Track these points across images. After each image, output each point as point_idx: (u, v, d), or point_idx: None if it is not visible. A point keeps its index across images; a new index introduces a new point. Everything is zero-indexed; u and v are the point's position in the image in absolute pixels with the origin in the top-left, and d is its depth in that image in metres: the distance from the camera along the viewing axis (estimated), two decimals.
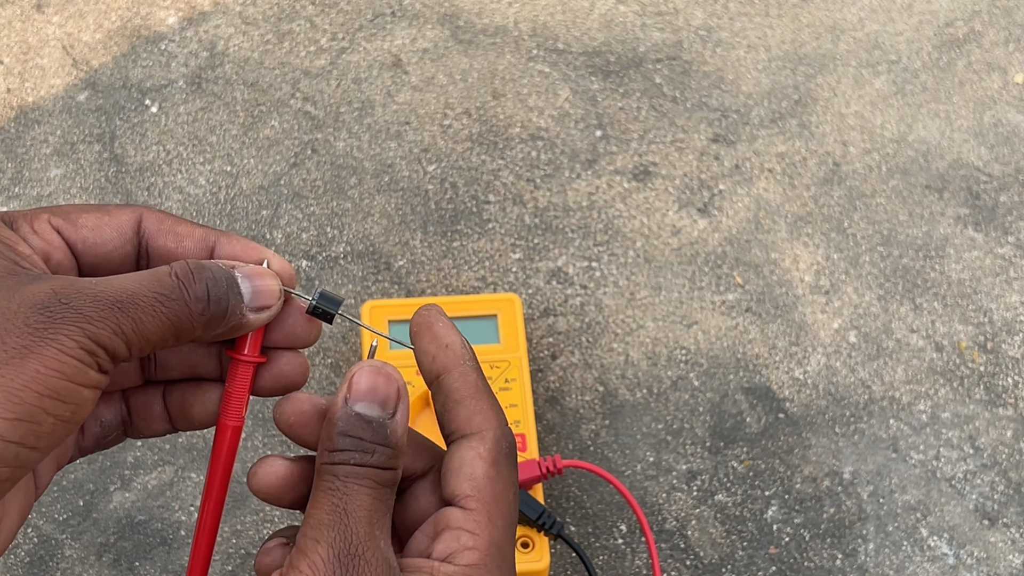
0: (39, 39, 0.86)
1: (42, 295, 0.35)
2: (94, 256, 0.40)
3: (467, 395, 0.40)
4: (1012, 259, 0.79)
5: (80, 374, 0.35)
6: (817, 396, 0.73)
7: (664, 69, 0.86)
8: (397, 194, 0.80)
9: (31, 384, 0.34)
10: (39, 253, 0.39)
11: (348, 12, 0.88)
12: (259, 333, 0.41)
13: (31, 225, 0.39)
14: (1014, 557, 0.69)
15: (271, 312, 0.40)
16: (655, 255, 0.78)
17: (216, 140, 0.82)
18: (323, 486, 0.38)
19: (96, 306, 0.35)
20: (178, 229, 0.41)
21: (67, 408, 0.35)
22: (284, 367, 0.42)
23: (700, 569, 0.68)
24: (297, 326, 0.42)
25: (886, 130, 0.84)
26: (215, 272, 0.38)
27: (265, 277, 0.40)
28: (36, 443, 0.34)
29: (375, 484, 0.38)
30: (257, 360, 0.41)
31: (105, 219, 0.40)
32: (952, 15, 0.89)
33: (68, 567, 0.67)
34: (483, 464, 0.39)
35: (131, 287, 0.36)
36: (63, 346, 0.34)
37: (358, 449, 0.39)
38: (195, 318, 0.37)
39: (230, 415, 0.42)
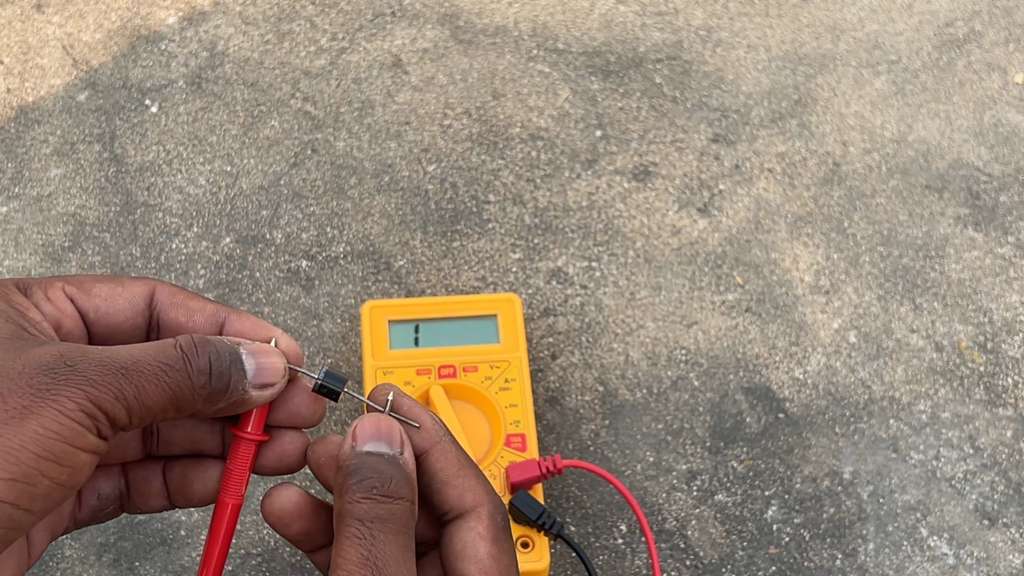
0: (39, 39, 0.86)
1: (48, 357, 0.36)
2: (105, 326, 0.41)
3: (452, 474, 0.41)
4: (1012, 259, 0.79)
5: (79, 437, 0.35)
6: (817, 396, 0.73)
7: (664, 69, 0.86)
8: (397, 194, 0.80)
9: (29, 445, 0.34)
10: (51, 321, 0.39)
11: (348, 12, 0.88)
12: (263, 411, 0.41)
13: (45, 292, 0.40)
14: (1014, 557, 0.69)
15: (274, 390, 0.40)
16: (655, 255, 0.78)
17: (216, 140, 0.82)
18: (348, 533, 0.38)
19: (100, 370, 0.36)
20: (190, 304, 0.41)
21: (64, 471, 0.35)
22: (287, 446, 0.42)
23: (700, 569, 0.68)
24: (302, 405, 0.42)
25: (886, 130, 0.84)
26: (219, 347, 0.39)
27: (270, 355, 0.40)
28: (31, 505, 0.34)
29: (399, 530, 0.39)
30: (259, 438, 0.41)
31: (118, 290, 0.41)
32: (952, 15, 0.89)
33: (68, 567, 0.67)
34: (485, 544, 0.40)
35: (136, 355, 0.37)
36: (64, 408, 0.35)
37: (376, 478, 0.39)
38: (196, 391, 0.38)
39: (230, 492, 0.42)
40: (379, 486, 0.39)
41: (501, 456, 0.66)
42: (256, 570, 0.67)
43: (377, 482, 0.39)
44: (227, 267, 0.77)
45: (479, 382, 0.68)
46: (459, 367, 0.68)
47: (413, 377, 0.68)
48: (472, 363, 0.68)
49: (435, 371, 0.68)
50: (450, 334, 0.70)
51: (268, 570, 0.67)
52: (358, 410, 0.72)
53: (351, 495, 0.39)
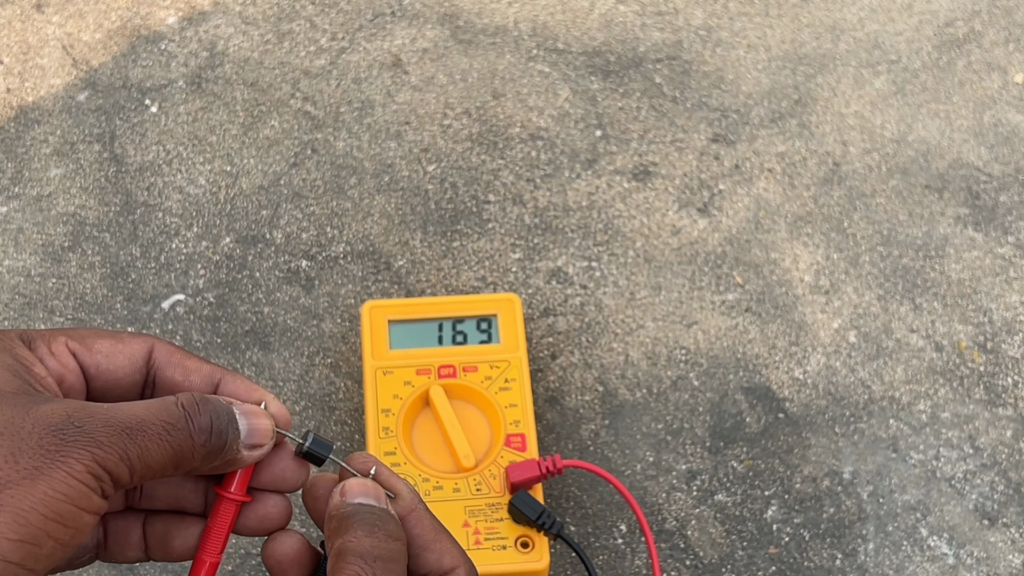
0: (39, 39, 0.86)
1: (55, 416, 0.36)
2: (105, 382, 0.42)
3: (430, 539, 0.42)
4: (1012, 259, 0.78)
5: (84, 499, 0.36)
6: (817, 396, 0.73)
7: (664, 69, 0.86)
8: (397, 194, 0.80)
9: (38, 506, 0.35)
10: (54, 375, 0.40)
11: (348, 12, 0.88)
12: (247, 473, 0.42)
13: (49, 347, 0.40)
14: (1014, 557, 0.69)
15: (262, 451, 0.42)
16: (655, 255, 0.78)
17: (216, 140, 0.82)
18: (349, 571, 0.39)
19: (107, 431, 0.36)
20: (186, 363, 0.42)
21: (68, 532, 0.36)
22: (270, 509, 0.43)
23: (700, 569, 0.68)
24: (287, 470, 0.43)
25: (886, 130, 0.84)
26: (218, 406, 0.40)
27: (260, 416, 0.42)
28: (34, 565, 0.35)
29: (399, 571, 0.40)
30: (242, 499, 0.42)
31: (119, 347, 0.42)
32: (952, 15, 0.89)
33: None
34: None
35: (140, 415, 0.38)
36: (72, 469, 0.35)
37: (375, 519, 0.41)
38: (196, 448, 0.39)
39: (208, 550, 0.43)
40: (380, 524, 0.40)
41: (501, 456, 0.66)
42: (256, 570, 0.67)
43: (378, 521, 0.41)
44: (227, 267, 0.77)
45: (479, 382, 0.68)
46: (459, 367, 0.68)
47: (413, 377, 0.68)
48: (472, 363, 0.68)
49: (435, 371, 0.68)
50: (450, 334, 0.70)
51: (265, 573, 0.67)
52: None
53: (352, 533, 0.40)
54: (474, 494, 0.65)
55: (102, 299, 0.75)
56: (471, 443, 0.66)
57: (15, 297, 0.75)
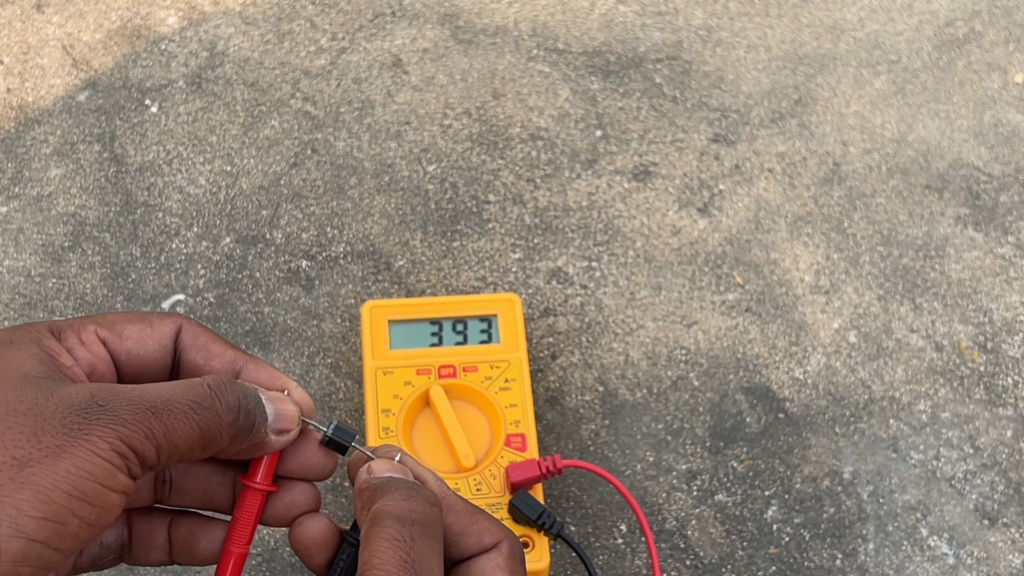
0: (39, 39, 0.86)
1: (79, 397, 0.36)
2: (135, 367, 0.42)
3: (465, 523, 0.42)
4: (1012, 259, 0.78)
5: (110, 477, 0.35)
6: (817, 396, 0.73)
7: (664, 69, 0.86)
8: (397, 194, 0.80)
9: (61, 484, 0.34)
10: (84, 366, 0.40)
11: (348, 12, 0.88)
12: (272, 462, 0.42)
13: (79, 336, 0.40)
14: (1014, 557, 0.69)
15: (289, 437, 0.41)
16: (655, 255, 0.78)
17: (216, 140, 0.82)
18: (387, 535, 0.38)
19: (131, 410, 0.36)
20: (211, 347, 0.42)
21: (94, 511, 0.35)
22: (298, 497, 0.43)
23: (700, 569, 0.68)
24: (314, 458, 0.43)
25: (886, 130, 0.84)
26: (245, 388, 0.40)
27: (286, 402, 0.41)
28: (60, 544, 0.35)
29: (435, 537, 0.39)
30: (268, 488, 0.42)
31: (148, 330, 0.42)
32: (952, 15, 0.89)
33: None
34: (503, 574, 0.41)
35: (166, 394, 0.37)
36: (96, 447, 0.35)
37: (405, 483, 0.40)
38: (224, 428, 0.39)
39: (235, 541, 0.42)
40: (417, 490, 0.40)
41: (501, 456, 0.66)
42: (256, 570, 0.67)
43: (414, 488, 0.40)
44: (227, 267, 0.77)
45: (479, 382, 0.68)
46: (459, 367, 0.68)
47: (413, 377, 0.68)
48: (472, 363, 0.68)
49: (435, 371, 0.68)
50: (450, 334, 0.70)
51: (268, 570, 0.67)
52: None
53: (389, 496, 0.40)
54: (474, 494, 0.65)
55: (102, 299, 0.75)
56: (471, 443, 0.66)
57: (15, 297, 0.75)
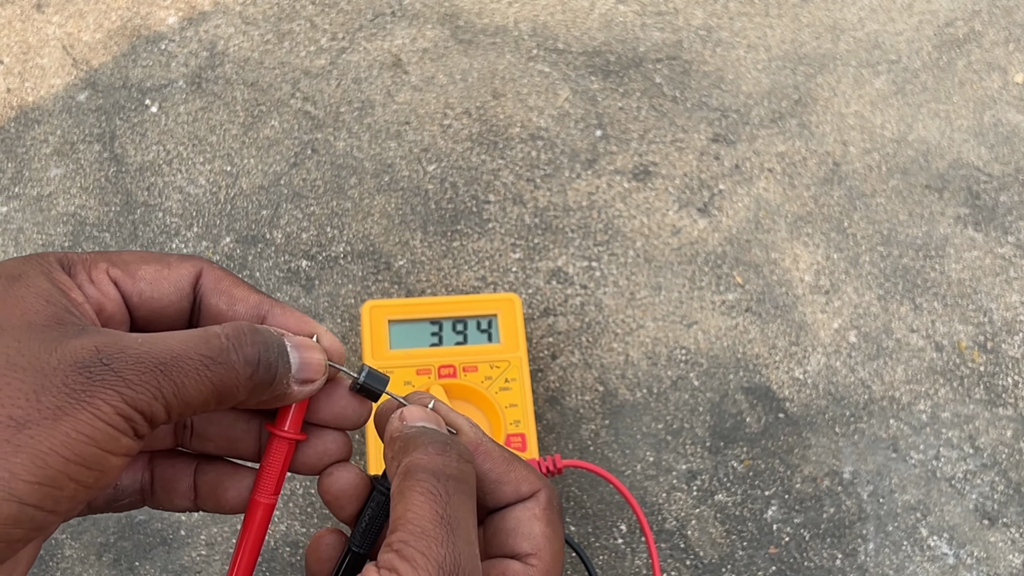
0: (39, 39, 0.86)
1: (84, 352, 0.34)
2: (149, 310, 0.39)
3: (502, 472, 0.40)
4: (1012, 259, 0.78)
5: (111, 441, 0.34)
6: (817, 396, 0.73)
7: (664, 69, 0.86)
8: (397, 194, 0.80)
9: (59, 448, 0.33)
10: (92, 304, 0.38)
11: (348, 12, 0.88)
12: (301, 410, 0.40)
13: (89, 273, 0.38)
14: (1014, 557, 0.69)
15: (315, 386, 0.40)
16: (655, 255, 0.78)
17: (216, 140, 0.82)
18: (422, 488, 0.37)
19: (138, 369, 0.34)
20: (233, 292, 0.40)
21: (91, 475, 0.34)
22: (330, 445, 0.41)
23: (700, 569, 0.68)
24: (346, 406, 0.41)
25: (886, 130, 0.84)
26: (268, 337, 0.38)
27: (313, 350, 0.39)
28: (55, 507, 0.33)
29: (470, 493, 0.38)
30: (297, 437, 0.41)
31: (164, 272, 0.39)
32: (952, 15, 0.89)
33: (68, 567, 0.67)
34: (540, 524, 0.40)
35: (176, 348, 0.35)
36: (99, 411, 0.33)
37: (439, 436, 0.39)
38: (241, 382, 0.37)
39: (263, 491, 0.41)
40: (451, 444, 0.38)
41: None
42: (256, 570, 0.67)
43: (448, 441, 0.39)
44: (227, 267, 0.77)
45: (479, 382, 0.68)
46: (459, 367, 0.68)
47: (413, 377, 0.68)
48: (472, 363, 0.68)
49: (435, 371, 0.68)
50: (450, 334, 0.70)
51: (268, 570, 0.67)
52: None
53: (423, 450, 0.38)
54: None
55: None
56: None
57: None
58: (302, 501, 0.69)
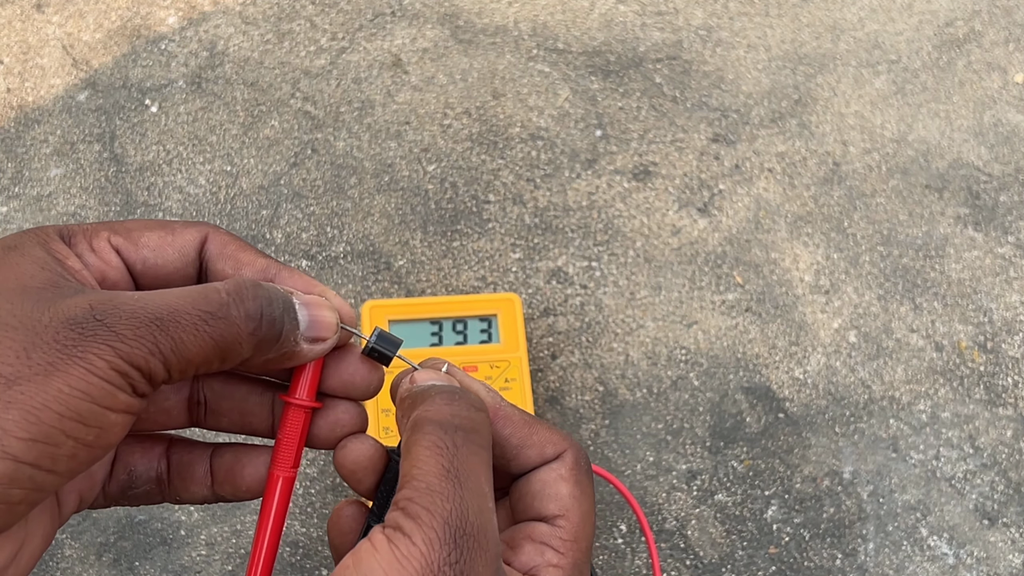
0: (39, 39, 0.86)
1: (77, 309, 0.33)
2: (153, 277, 0.39)
3: (524, 435, 0.39)
4: (1012, 259, 0.78)
5: (108, 396, 0.33)
6: (817, 396, 0.73)
7: (664, 69, 0.86)
8: (397, 194, 0.80)
9: (51, 404, 0.32)
10: (94, 272, 0.37)
11: (348, 12, 0.88)
12: (315, 377, 0.39)
13: (89, 242, 0.38)
14: (1014, 557, 0.69)
15: (326, 346, 0.38)
16: (655, 255, 0.78)
17: (216, 140, 0.82)
18: (428, 442, 0.36)
19: (132, 323, 0.33)
20: (240, 256, 0.39)
21: (90, 432, 0.33)
22: (342, 415, 0.40)
23: (700, 569, 0.68)
24: (357, 373, 0.40)
25: (886, 130, 0.84)
26: (271, 293, 0.37)
27: (323, 308, 0.38)
28: (53, 466, 0.32)
29: (482, 444, 0.37)
30: (312, 405, 0.39)
31: (168, 239, 0.39)
32: (952, 15, 0.89)
33: (68, 567, 0.67)
34: (567, 485, 0.39)
35: (173, 303, 0.34)
36: (92, 366, 0.33)
37: (448, 388, 0.38)
38: (244, 337, 0.35)
39: (280, 464, 0.39)
40: (460, 395, 0.37)
41: None
42: None
43: (458, 392, 0.37)
44: None
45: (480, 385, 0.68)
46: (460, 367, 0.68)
47: None
48: (472, 363, 0.68)
49: None
50: (450, 334, 0.70)
51: None
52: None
53: (430, 402, 0.37)
54: None
55: None
56: None
57: None
58: (302, 501, 0.69)
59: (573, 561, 0.38)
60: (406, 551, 0.33)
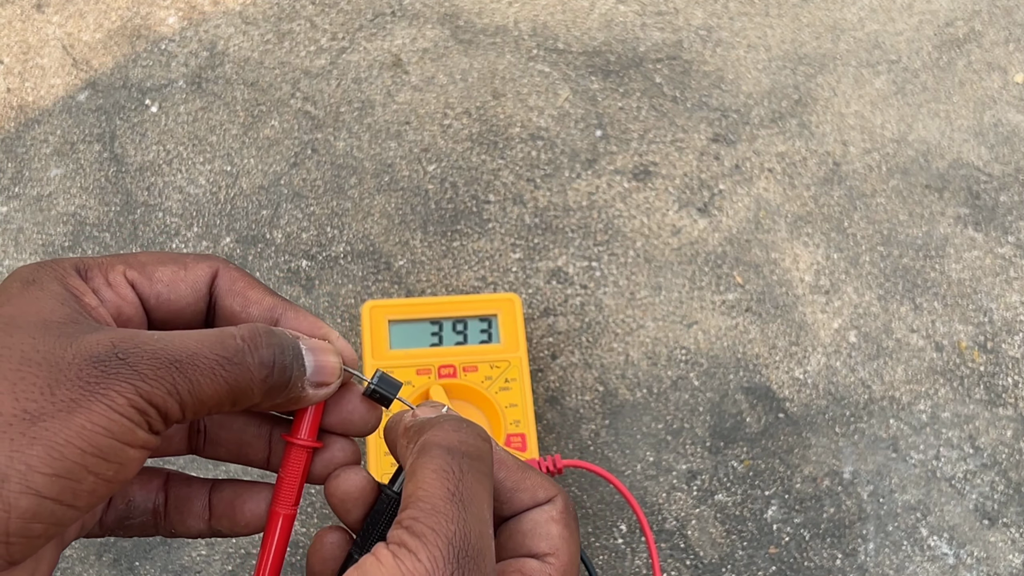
0: (39, 39, 0.86)
1: (100, 347, 0.34)
2: (166, 312, 0.40)
3: (518, 480, 0.40)
4: (1012, 259, 0.78)
5: (127, 433, 0.34)
6: (817, 396, 0.73)
7: (664, 69, 0.86)
8: (397, 194, 0.80)
9: (75, 440, 0.33)
10: (111, 307, 0.38)
11: (348, 12, 0.88)
12: (316, 417, 0.40)
13: (106, 277, 0.38)
14: (1014, 557, 0.69)
15: (329, 390, 0.39)
16: (655, 255, 0.78)
17: (216, 140, 0.82)
18: (435, 465, 0.37)
19: (153, 364, 0.34)
20: (248, 294, 0.40)
21: (111, 467, 0.34)
22: (337, 454, 0.41)
23: (700, 569, 0.68)
24: (355, 412, 0.41)
25: (886, 130, 0.84)
26: (283, 340, 0.38)
27: (328, 353, 0.39)
28: (74, 501, 0.33)
29: (486, 472, 0.37)
30: (313, 445, 0.40)
31: (181, 274, 0.40)
32: (952, 15, 0.89)
33: (68, 567, 0.67)
34: (558, 526, 0.40)
35: (192, 347, 0.35)
36: (113, 403, 0.33)
37: (455, 417, 0.39)
38: (256, 384, 0.36)
39: (282, 502, 0.40)
40: (468, 425, 0.38)
41: None
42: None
43: (465, 422, 0.38)
44: None
45: (479, 382, 0.68)
46: (459, 367, 0.68)
47: (413, 377, 0.68)
48: (472, 363, 0.68)
49: (435, 371, 0.68)
50: (450, 334, 0.70)
51: None
52: None
53: (438, 428, 0.38)
54: None
55: None
56: None
57: None
58: (302, 502, 0.69)
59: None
60: (411, 567, 0.34)
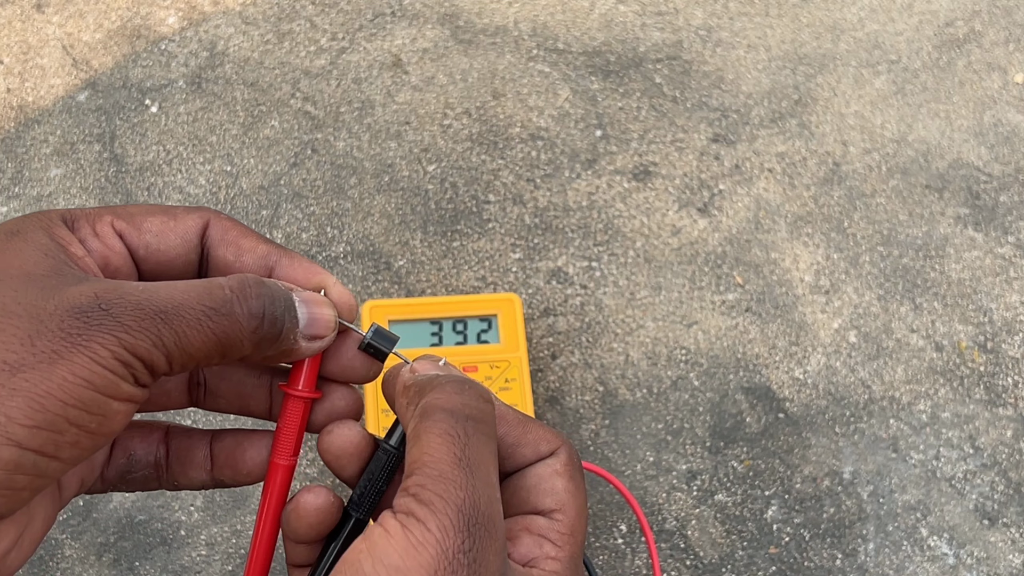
0: (39, 39, 0.86)
1: (83, 298, 0.33)
2: (156, 263, 0.39)
3: (519, 434, 0.39)
4: (1012, 259, 0.78)
5: (111, 386, 0.33)
6: (817, 396, 0.73)
7: (664, 69, 0.86)
8: (397, 194, 0.80)
9: (56, 392, 0.32)
10: (97, 258, 0.37)
11: (348, 12, 0.88)
12: (314, 367, 0.39)
13: (93, 227, 0.38)
14: (1014, 557, 0.69)
15: (323, 343, 0.39)
16: (655, 255, 0.78)
17: (216, 140, 0.82)
18: (439, 429, 0.36)
19: (137, 315, 0.33)
20: (241, 242, 0.39)
21: (93, 420, 0.33)
22: (338, 402, 0.40)
23: (700, 569, 0.68)
24: (356, 360, 0.40)
25: (886, 130, 0.84)
26: (274, 291, 0.37)
27: (322, 305, 0.38)
28: (56, 452, 0.33)
29: (490, 435, 0.37)
30: (312, 395, 0.40)
31: (171, 224, 0.39)
32: (952, 15, 0.89)
33: (68, 567, 0.67)
34: (562, 480, 0.39)
35: (178, 297, 0.34)
36: (95, 355, 0.33)
37: (458, 377, 0.38)
38: (245, 335, 0.36)
39: (281, 453, 0.40)
40: (471, 385, 0.38)
41: None
42: None
43: (467, 382, 0.38)
44: None
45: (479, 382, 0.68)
46: (459, 367, 0.68)
47: None
48: (472, 363, 0.68)
49: None
50: (450, 334, 0.70)
51: None
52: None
53: (441, 390, 0.37)
54: None
55: None
56: None
57: None
58: None
59: (570, 554, 0.38)
60: (421, 537, 0.34)
